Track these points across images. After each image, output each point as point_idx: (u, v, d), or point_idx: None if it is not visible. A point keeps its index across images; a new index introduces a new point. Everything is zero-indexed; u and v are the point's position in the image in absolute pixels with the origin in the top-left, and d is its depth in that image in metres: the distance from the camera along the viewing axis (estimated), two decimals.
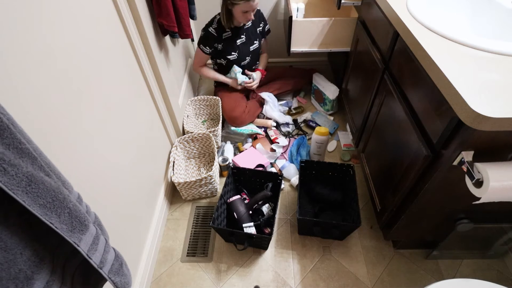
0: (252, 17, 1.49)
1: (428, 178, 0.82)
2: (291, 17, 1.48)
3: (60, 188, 0.46)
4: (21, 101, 0.57)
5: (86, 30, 0.80)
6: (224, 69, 1.72)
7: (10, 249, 0.40)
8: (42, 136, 0.61)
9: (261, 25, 1.69)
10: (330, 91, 1.75)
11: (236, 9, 1.43)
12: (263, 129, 1.77)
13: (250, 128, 1.72)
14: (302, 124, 1.80)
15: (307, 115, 1.83)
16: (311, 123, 1.78)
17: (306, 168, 1.41)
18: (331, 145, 1.67)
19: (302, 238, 1.30)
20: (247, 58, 1.68)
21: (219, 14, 1.54)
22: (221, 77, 1.73)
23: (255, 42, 1.67)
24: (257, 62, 1.79)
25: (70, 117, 0.72)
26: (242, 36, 1.62)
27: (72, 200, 0.48)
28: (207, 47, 1.59)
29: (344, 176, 1.39)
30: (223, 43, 1.58)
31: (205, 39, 1.57)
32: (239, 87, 1.71)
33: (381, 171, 1.15)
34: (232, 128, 1.70)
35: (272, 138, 1.70)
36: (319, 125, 1.76)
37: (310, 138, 1.70)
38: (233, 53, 1.62)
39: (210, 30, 1.54)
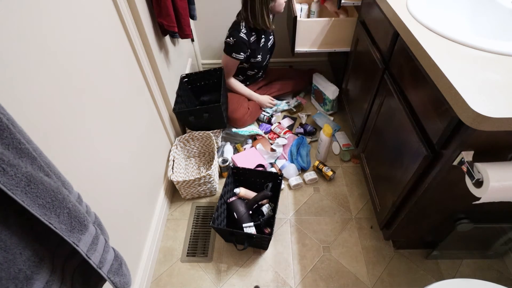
0: None
1: (428, 178, 0.82)
2: (295, 17, 1.48)
3: (59, 188, 0.46)
4: (21, 101, 0.57)
5: (86, 30, 0.80)
6: (244, 72, 1.71)
7: (9, 249, 0.40)
8: (42, 137, 0.62)
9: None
10: (330, 91, 1.74)
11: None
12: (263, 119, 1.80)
13: (251, 129, 1.72)
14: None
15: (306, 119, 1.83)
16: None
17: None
18: (335, 147, 1.66)
19: (302, 238, 1.30)
20: (267, 57, 1.70)
21: (238, 17, 1.52)
22: (247, 91, 1.74)
23: (270, 37, 1.68)
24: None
25: (70, 117, 0.72)
26: (263, 36, 1.61)
27: (72, 200, 0.48)
28: (241, 53, 1.54)
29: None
30: (251, 46, 1.57)
31: (237, 46, 1.51)
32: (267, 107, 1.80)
33: (381, 171, 1.15)
34: (233, 130, 1.70)
35: (277, 132, 1.73)
36: (320, 127, 1.76)
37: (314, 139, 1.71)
38: (258, 56, 1.62)
39: (241, 36, 1.48)
